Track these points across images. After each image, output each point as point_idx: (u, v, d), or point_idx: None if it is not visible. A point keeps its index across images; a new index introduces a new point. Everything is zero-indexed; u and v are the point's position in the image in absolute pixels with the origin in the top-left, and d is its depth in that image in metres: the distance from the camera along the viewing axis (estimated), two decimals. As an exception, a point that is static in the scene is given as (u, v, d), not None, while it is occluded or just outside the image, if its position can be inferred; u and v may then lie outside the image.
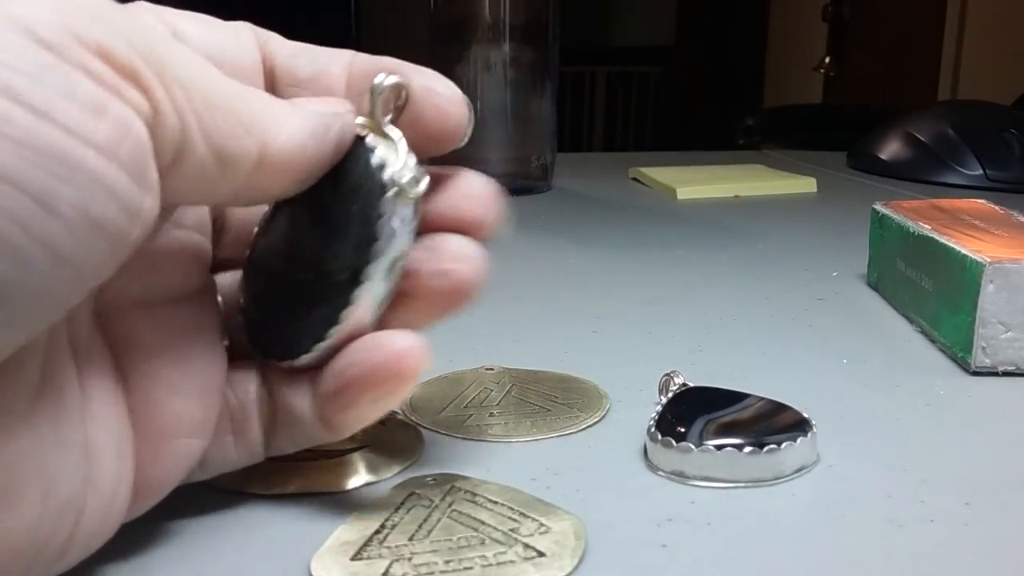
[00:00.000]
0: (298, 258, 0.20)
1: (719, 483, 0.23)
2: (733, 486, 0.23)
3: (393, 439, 0.25)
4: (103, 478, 0.18)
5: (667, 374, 0.27)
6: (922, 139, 0.75)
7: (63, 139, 0.14)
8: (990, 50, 1.72)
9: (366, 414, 0.20)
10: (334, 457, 0.23)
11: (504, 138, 0.64)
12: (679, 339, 0.35)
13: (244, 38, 0.20)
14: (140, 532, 0.20)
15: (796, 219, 0.59)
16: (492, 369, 0.30)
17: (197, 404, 0.19)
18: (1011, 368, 0.31)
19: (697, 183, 0.67)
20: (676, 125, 2.95)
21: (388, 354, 0.19)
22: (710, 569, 0.20)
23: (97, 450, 0.18)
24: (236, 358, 0.21)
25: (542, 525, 0.20)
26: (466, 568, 0.19)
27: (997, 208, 0.39)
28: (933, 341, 0.34)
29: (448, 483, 0.22)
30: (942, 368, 0.32)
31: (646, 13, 3.10)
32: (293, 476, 0.23)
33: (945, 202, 0.40)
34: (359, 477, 0.23)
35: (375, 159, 0.19)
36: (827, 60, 2.25)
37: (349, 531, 0.20)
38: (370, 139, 0.19)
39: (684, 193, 0.66)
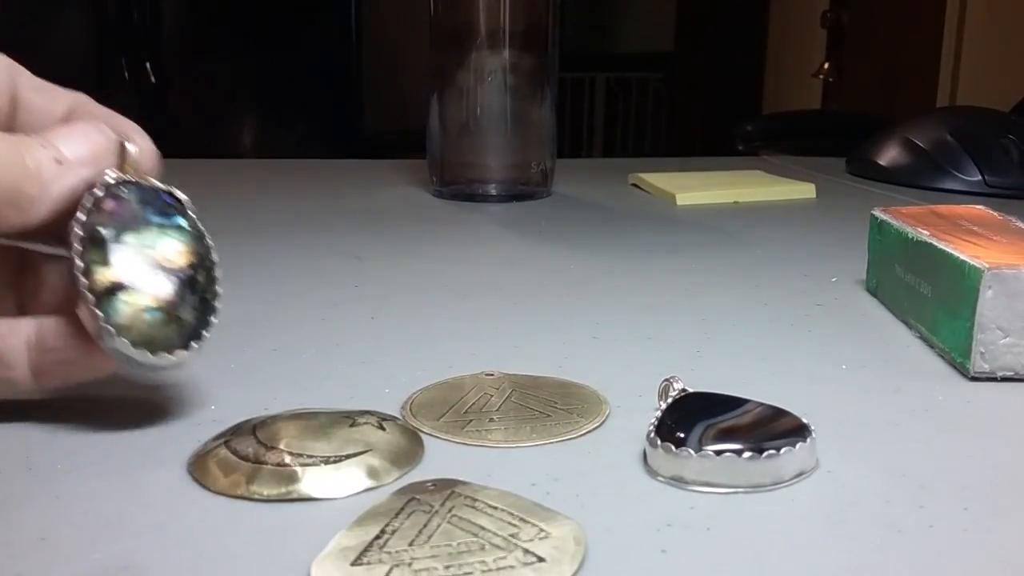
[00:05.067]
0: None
1: (718, 488, 0.23)
2: (732, 491, 0.23)
3: (393, 444, 0.25)
4: None
5: (666, 380, 0.27)
6: (921, 145, 0.75)
7: None
8: (988, 57, 1.73)
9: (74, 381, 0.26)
10: (334, 462, 0.23)
11: (504, 144, 0.64)
12: (678, 345, 0.35)
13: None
14: (140, 537, 0.21)
15: (795, 225, 0.59)
16: (492, 374, 0.30)
17: None
18: (1009, 373, 0.31)
19: (696, 189, 0.67)
20: (675, 131, 2.95)
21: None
22: (709, 574, 0.20)
23: None
24: None
25: (542, 530, 0.20)
26: (466, 573, 0.19)
27: (995, 214, 0.39)
28: (932, 346, 0.34)
29: (448, 488, 0.22)
30: (941, 373, 0.32)
31: (645, 19, 3.10)
32: (293, 481, 0.23)
33: (944, 208, 0.40)
34: (359, 482, 0.23)
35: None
36: (826, 66, 2.25)
37: (349, 536, 0.20)
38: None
39: (683, 199, 0.66)
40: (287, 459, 0.23)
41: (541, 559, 0.19)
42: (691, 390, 0.27)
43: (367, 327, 0.36)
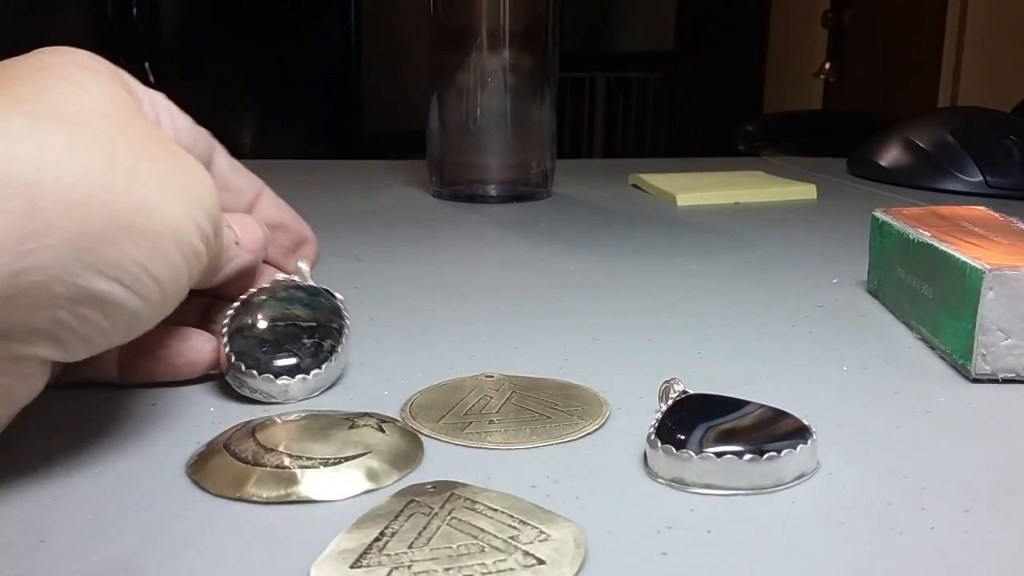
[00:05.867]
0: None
1: (719, 490, 0.23)
2: (733, 493, 0.23)
3: (393, 446, 0.25)
4: None
5: (667, 381, 0.27)
6: (922, 146, 0.75)
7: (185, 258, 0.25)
8: (990, 57, 1.73)
9: (156, 378, 0.29)
10: (333, 464, 0.23)
11: (504, 145, 0.64)
12: (679, 346, 0.35)
13: (203, 139, 0.30)
14: (139, 539, 0.21)
15: (796, 226, 0.59)
16: (492, 376, 0.30)
17: None
18: (1011, 375, 0.31)
19: (697, 190, 0.67)
20: (676, 131, 2.95)
21: (185, 360, 0.29)
22: (710, 577, 0.20)
23: None
24: None
25: (542, 532, 0.20)
26: (466, 576, 0.19)
27: (997, 215, 0.39)
28: (933, 348, 0.34)
29: (448, 490, 0.22)
30: (942, 375, 0.32)
31: (646, 19, 3.10)
32: (292, 484, 0.23)
33: (945, 209, 0.40)
34: (359, 484, 0.23)
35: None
36: (827, 66, 2.25)
37: (349, 539, 0.20)
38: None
39: (684, 200, 0.66)
40: (286, 461, 0.23)
41: (541, 561, 0.19)
42: (692, 392, 0.26)
43: (366, 328, 0.36)
